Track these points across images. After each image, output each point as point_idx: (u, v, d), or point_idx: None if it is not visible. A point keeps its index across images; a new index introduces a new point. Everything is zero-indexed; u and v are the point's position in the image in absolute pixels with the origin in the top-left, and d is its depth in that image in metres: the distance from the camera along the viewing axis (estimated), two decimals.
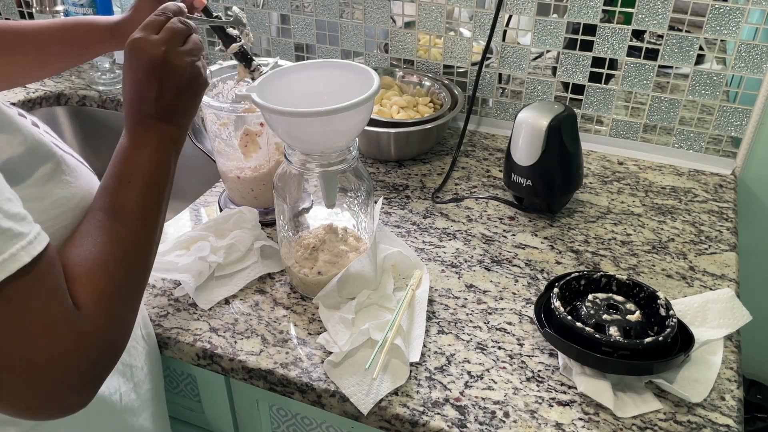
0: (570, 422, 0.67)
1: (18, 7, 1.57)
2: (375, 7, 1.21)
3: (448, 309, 0.82)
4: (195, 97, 0.66)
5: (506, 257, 0.90)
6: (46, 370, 0.47)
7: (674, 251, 0.91)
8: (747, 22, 0.99)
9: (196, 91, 0.66)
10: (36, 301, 0.47)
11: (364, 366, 0.71)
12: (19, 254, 0.45)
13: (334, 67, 0.80)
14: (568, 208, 1.00)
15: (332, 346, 0.74)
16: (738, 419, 0.68)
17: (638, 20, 1.05)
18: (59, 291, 0.49)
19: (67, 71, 1.47)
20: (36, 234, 0.48)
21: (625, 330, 0.70)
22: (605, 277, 0.78)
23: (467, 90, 1.21)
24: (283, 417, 0.82)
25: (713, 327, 0.77)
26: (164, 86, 0.62)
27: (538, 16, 1.10)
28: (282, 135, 0.74)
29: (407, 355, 0.73)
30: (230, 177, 0.95)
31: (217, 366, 0.76)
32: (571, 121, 0.93)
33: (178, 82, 0.63)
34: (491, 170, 1.11)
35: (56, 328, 0.47)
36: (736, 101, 1.06)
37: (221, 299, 0.83)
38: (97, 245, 0.55)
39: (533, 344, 0.77)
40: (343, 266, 0.80)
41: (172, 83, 0.63)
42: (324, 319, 0.78)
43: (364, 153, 1.13)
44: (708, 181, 1.08)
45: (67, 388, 0.48)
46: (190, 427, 0.92)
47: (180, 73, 0.63)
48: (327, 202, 0.79)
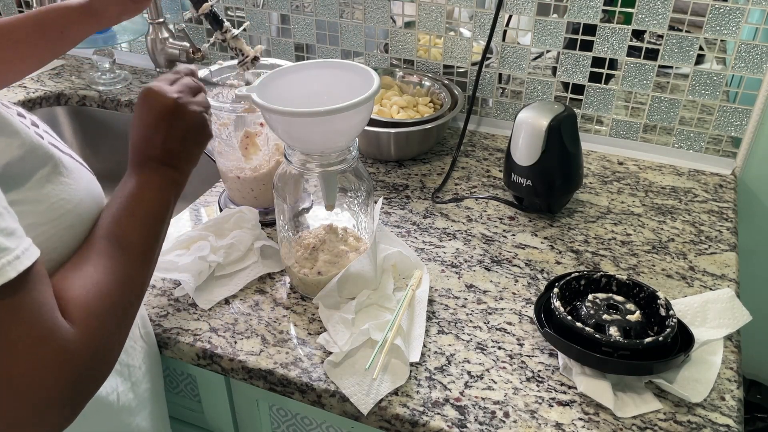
0: (570, 422, 0.67)
1: (18, 7, 1.57)
2: (375, 7, 1.21)
3: (448, 309, 0.82)
4: (199, 145, 0.71)
5: (506, 257, 0.90)
6: (28, 386, 0.46)
7: (674, 251, 0.91)
8: (747, 22, 0.99)
9: (200, 140, 0.70)
10: (21, 316, 0.46)
11: (364, 366, 0.71)
12: (5, 269, 0.45)
13: (334, 67, 0.79)
14: (568, 208, 1.00)
15: (332, 346, 0.74)
16: (738, 419, 0.68)
17: (638, 20, 1.05)
18: (45, 307, 0.48)
19: (67, 71, 1.47)
20: (24, 249, 0.47)
21: (625, 330, 0.70)
22: (605, 277, 0.78)
23: (467, 90, 1.21)
24: (283, 417, 0.82)
25: (713, 327, 0.77)
26: (171, 132, 0.66)
27: (538, 16, 1.10)
28: (282, 135, 0.74)
29: (407, 355, 0.73)
30: (230, 177, 0.95)
31: (217, 366, 0.76)
32: (571, 121, 0.93)
33: (185, 129, 0.67)
34: (491, 170, 1.11)
35: (40, 345, 0.47)
36: (736, 101, 1.06)
37: (221, 299, 0.83)
38: (97, 269, 0.56)
39: (533, 344, 0.77)
40: (343, 266, 0.80)
41: (180, 129, 0.67)
42: (324, 319, 0.78)
43: (364, 153, 1.13)
44: (708, 181, 1.08)
45: (47, 406, 0.48)
46: (190, 427, 0.92)
47: (188, 121, 0.67)
48: (327, 202, 0.79)
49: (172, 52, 1.29)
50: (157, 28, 1.28)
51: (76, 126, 1.42)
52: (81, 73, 1.46)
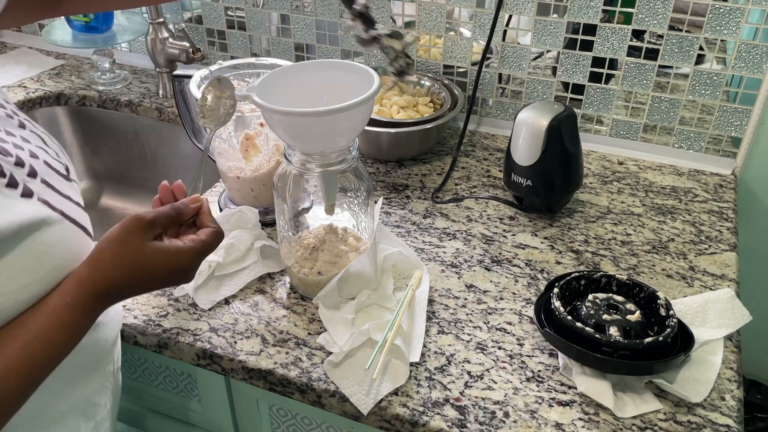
0: (570, 422, 0.67)
1: None
2: (375, 7, 1.21)
3: (448, 309, 0.82)
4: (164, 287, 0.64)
5: (506, 257, 0.90)
6: None
7: (674, 251, 0.91)
8: (747, 22, 0.99)
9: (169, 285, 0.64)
10: None
11: (364, 366, 0.71)
12: None
13: (334, 68, 0.79)
14: (568, 208, 1.00)
15: (332, 346, 0.74)
16: (738, 419, 0.68)
17: (638, 20, 1.05)
18: None
19: (67, 71, 1.47)
20: None
21: (625, 330, 0.70)
22: (605, 277, 0.78)
23: (467, 90, 1.21)
24: (283, 417, 0.82)
25: (713, 327, 0.77)
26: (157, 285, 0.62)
27: (538, 16, 1.10)
28: (282, 135, 0.74)
29: (407, 355, 0.73)
30: (230, 177, 0.95)
31: (217, 366, 0.76)
32: (571, 121, 0.93)
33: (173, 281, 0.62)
34: (491, 170, 1.11)
35: None
36: (736, 101, 1.06)
37: (221, 299, 0.83)
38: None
39: (533, 344, 0.77)
40: (343, 266, 0.80)
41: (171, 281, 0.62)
42: (324, 319, 0.78)
43: (364, 153, 1.13)
44: (708, 181, 1.08)
45: None
46: (190, 427, 0.92)
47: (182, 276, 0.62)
48: (327, 203, 0.79)
49: (172, 52, 1.29)
50: (157, 28, 1.28)
51: (76, 126, 1.42)
52: (81, 73, 1.46)
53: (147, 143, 1.39)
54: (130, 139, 1.39)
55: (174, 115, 1.31)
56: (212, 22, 1.37)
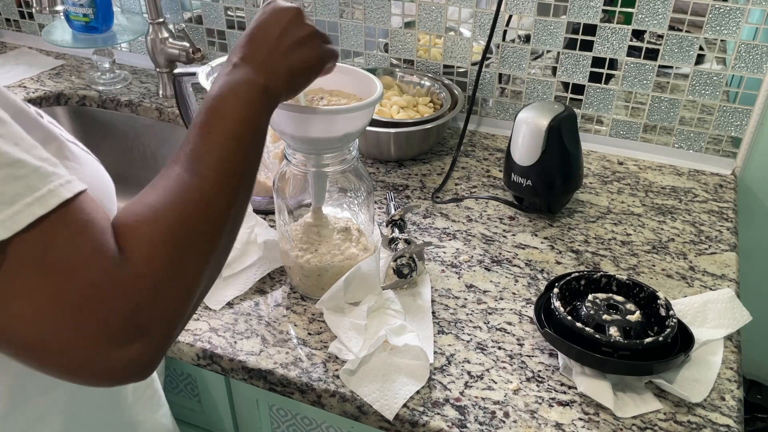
0: (570, 422, 0.67)
1: (18, 7, 1.57)
2: (375, 7, 1.21)
3: (448, 309, 0.82)
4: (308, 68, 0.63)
5: (506, 257, 0.90)
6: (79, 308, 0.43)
7: (674, 251, 0.91)
8: (747, 22, 0.99)
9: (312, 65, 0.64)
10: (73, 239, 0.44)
11: (381, 371, 0.70)
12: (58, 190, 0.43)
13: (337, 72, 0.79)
14: (568, 208, 1.00)
15: (346, 353, 0.73)
16: (738, 419, 0.68)
17: (638, 20, 1.05)
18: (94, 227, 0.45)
19: (67, 71, 1.47)
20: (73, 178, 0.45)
21: (625, 330, 0.70)
22: (605, 277, 0.78)
23: (467, 90, 1.21)
24: (283, 417, 0.82)
25: (713, 327, 0.77)
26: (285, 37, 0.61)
27: (538, 16, 1.10)
28: (282, 134, 0.74)
29: (427, 356, 0.72)
30: None
31: (217, 366, 0.76)
32: (571, 121, 0.93)
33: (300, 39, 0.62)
34: (491, 170, 1.11)
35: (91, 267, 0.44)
36: (736, 101, 1.06)
37: (231, 298, 0.82)
38: (157, 194, 0.50)
39: (533, 344, 0.77)
40: (343, 257, 0.79)
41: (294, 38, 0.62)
42: (332, 326, 0.77)
43: (364, 153, 1.13)
44: (708, 181, 1.08)
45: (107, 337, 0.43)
46: (190, 427, 0.92)
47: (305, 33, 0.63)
48: (315, 204, 0.79)
49: (172, 52, 1.29)
50: (157, 28, 1.28)
51: (76, 126, 1.42)
52: (81, 73, 1.46)
53: (147, 143, 1.39)
54: (130, 139, 1.39)
55: (174, 115, 1.31)
56: (212, 22, 1.37)
